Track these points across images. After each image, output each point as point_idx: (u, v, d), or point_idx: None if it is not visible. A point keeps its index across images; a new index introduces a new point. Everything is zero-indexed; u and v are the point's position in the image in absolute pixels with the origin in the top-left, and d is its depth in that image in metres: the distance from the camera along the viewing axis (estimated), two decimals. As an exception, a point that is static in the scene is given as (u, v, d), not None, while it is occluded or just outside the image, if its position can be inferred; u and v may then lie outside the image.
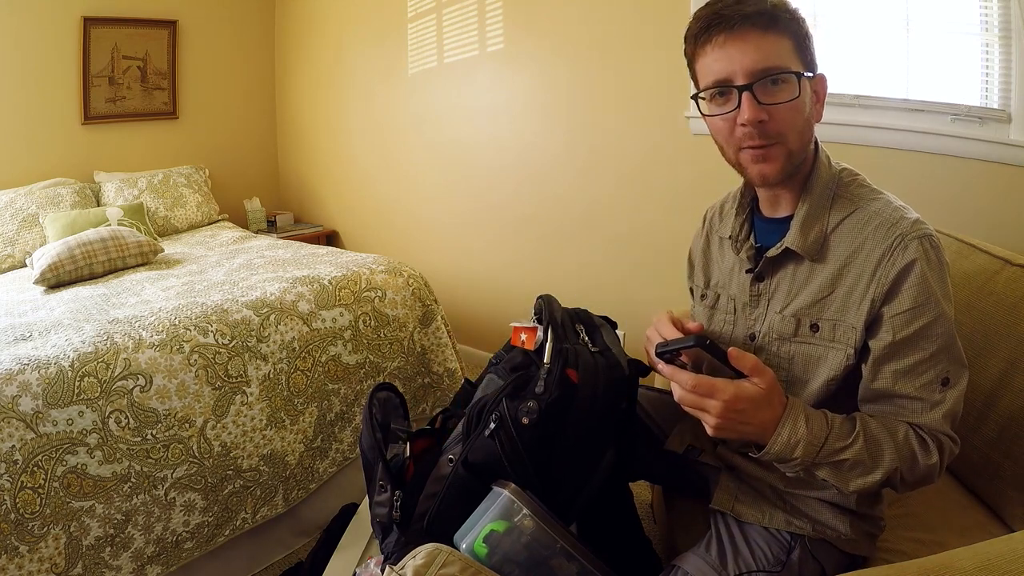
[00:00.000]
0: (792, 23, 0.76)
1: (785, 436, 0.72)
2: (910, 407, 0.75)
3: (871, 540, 0.88)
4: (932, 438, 0.74)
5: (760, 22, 0.74)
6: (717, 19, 0.76)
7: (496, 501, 0.80)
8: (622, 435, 0.96)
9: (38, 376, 1.22)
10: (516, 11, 2.26)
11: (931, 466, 0.73)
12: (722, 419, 0.71)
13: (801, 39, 0.77)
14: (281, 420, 1.49)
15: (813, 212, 0.81)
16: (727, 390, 0.71)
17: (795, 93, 0.75)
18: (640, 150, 2.01)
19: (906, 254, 0.73)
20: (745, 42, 0.75)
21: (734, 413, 0.71)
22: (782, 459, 0.74)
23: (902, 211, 0.77)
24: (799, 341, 0.82)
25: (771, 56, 0.75)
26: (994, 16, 1.35)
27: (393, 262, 1.91)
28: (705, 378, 0.72)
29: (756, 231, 0.91)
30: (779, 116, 0.76)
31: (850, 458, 0.72)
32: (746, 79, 0.75)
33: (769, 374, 0.73)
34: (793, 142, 0.78)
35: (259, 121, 3.56)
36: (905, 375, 0.75)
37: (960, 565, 0.57)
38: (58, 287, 1.91)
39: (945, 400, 0.74)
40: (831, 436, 0.72)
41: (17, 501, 1.13)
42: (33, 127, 2.74)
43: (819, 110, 0.81)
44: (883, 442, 0.73)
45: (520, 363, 0.91)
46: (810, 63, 0.79)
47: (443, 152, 2.65)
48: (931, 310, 0.73)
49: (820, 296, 0.80)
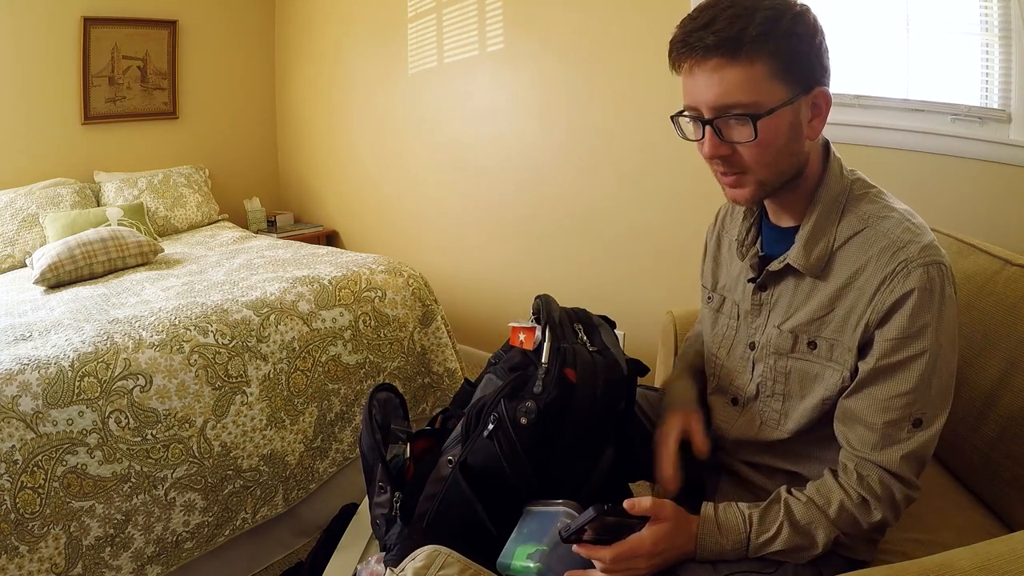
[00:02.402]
0: (769, 43, 0.68)
1: (707, 552, 0.76)
2: (869, 439, 0.73)
3: (872, 545, 0.87)
4: (878, 489, 0.72)
5: (723, 52, 0.69)
6: (684, 46, 0.72)
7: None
8: (621, 435, 0.96)
9: (38, 376, 1.22)
10: (516, 11, 2.25)
11: (877, 523, 0.73)
12: (654, 567, 0.75)
13: (787, 57, 0.70)
14: (281, 420, 1.49)
15: (819, 228, 0.78)
16: (645, 542, 0.74)
17: (750, 136, 0.71)
18: (640, 150, 2.01)
19: (907, 282, 0.70)
20: (710, 73, 0.71)
21: (658, 557, 0.75)
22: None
23: (912, 233, 0.72)
24: (796, 357, 0.81)
25: (732, 91, 0.70)
26: (994, 16, 1.34)
27: (393, 262, 1.91)
28: (623, 546, 0.74)
29: (763, 238, 0.89)
30: (742, 151, 0.73)
31: (782, 548, 0.74)
32: (709, 113, 0.73)
33: (667, 506, 0.76)
34: (761, 174, 0.75)
35: (259, 121, 3.56)
36: (877, 404, 0.72)
37: (960, 565, 0.57)
38: (58, 287, 1.91)
39: (910, 441, 0.71)
40: (752, 533, 0.75)
41: (17, 501, 1.13)
42: (33, 127, 2.74)
43: (816, 126, 0.75)
44: (813, 522, 0.74)
45: (518, 363, 0.91)
46: (804, 78, 0.72)
47: (443, 152, 2.65)
48: (918, 344, 0.70)
49: (819, 314, 0.78)
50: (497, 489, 0.84)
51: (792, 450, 0.85)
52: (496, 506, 0.84)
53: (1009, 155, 1.34)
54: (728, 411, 0.92)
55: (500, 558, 0.80)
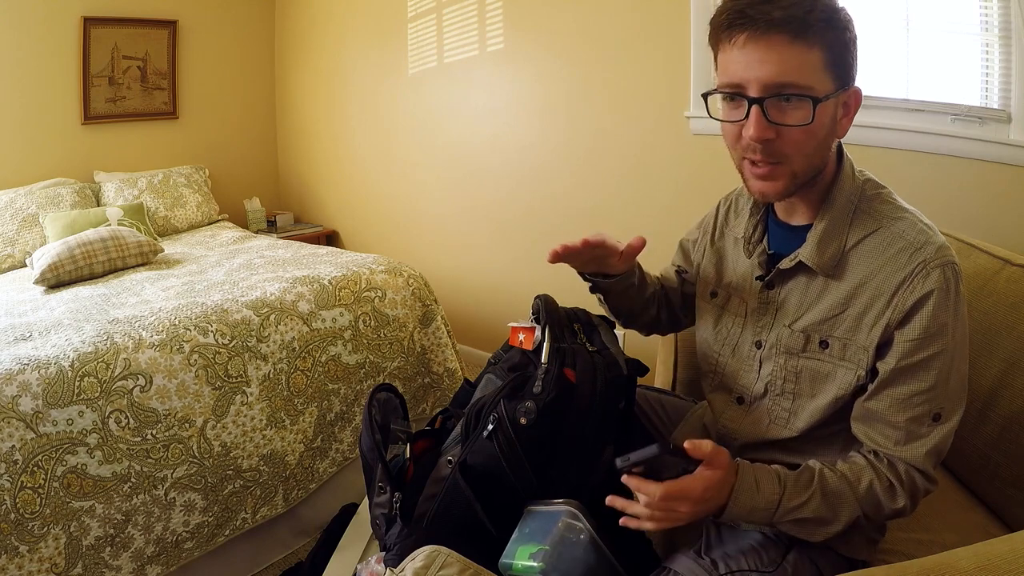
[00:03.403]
0: (829, 32, 0.68)
1: (737, 509, 0.73)
2: (893, 436, 0.74)
3: (872, 545, 0.87)
4: (904, 478, 0.73)
5: (789, 29, 0.66)
6: (741, 18, 0.68)
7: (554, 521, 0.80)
8: (621, 435, 0.96)
9: (38, 376, 1.22)
10: (516, 11, 2.25)
11: (898, 509, 0.73)
12: (695, 515, 0.73)
13: (838, 50, 0.70)
14: (281, 420, 1.49)
15: (832, 227, 0.78)
16: (697, 487, 0.72)
17: (808, 119, 0.69)
18: (640, 150, 2.01)
19: (926, 283, 0.71)
20: (767, 50, 0.68)
21: (702, 505, 0.72)
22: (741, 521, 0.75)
23: (927, 234, 0.73)
24: (807, 357, 0.81)
25: (791, 71, 0.68)
26: (994, 16, 1.34)
27: (393, 262, 1.91)
28: (674, 485, 0.72)
29: (770, 235, 0.88)
30: (788, 137, 0.71)
31: (810, 516, 0.73)
32: (759, 92, 0.69)
33: (725, 454, 0.73)
34: (799, 164, 0.73)
35: (259, 121, 3.56)
36: (898, 403, 0.73)
37: (960, 565, 0.57)
38: (58, 287, 1.91)
39: (931, 437, 0.73)
40: (785, 496, 0.73)
41: (17, 501, 1.13)
42: (33, 127, 2.74)
43: (845, 125, 0.75)
44: (843, 495, 0.73)
45: (518, 363, 0.91)
46: (845, 76, 0.72)
47: (443, 152, 2.65)
48: (938, 342, 0.71)
49: (832, 313, 0.78)
50: (497, 489, 0.84)
51: (797, 448, 0.85)
52: (496, 506, 0.84)
53: (1009, 155, 1.34)
54: (733, 409, 0.92)
55: (502, 558, 0.80)
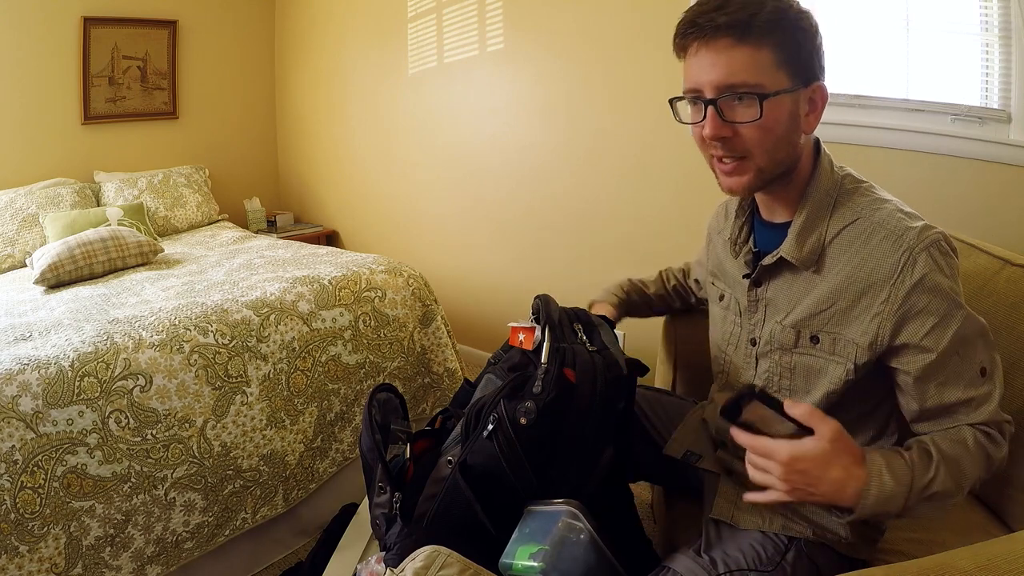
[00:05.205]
0: (777, 31, 0.71)
1: (872, 499, 0.66)
2: (963, 410, 0.73)
3: (871, 544, 0.87)
4: (995, 428, 0.73)
5: (733, 33, 0.71)
6: (692, 27, 0.74)
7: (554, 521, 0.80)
8: (621, 435, 0.96)
9: (38, 376, 1.22)
10: (516, 11, 2.25)
11: (1003, 457, 0.73)
12: (788, 483, 0.66)
13: (791, 48, 0.72)
14: (281, 420, 1.49)
15: (811, 221, 0.79)
16: (781, 450, 0.65)
17: (756, 115, 0.72)
18: (639, 149, 2.01)
19: (915, 270, 0.71)
20: (716, 54, 0.72)
21: (796, 474, 0.66)
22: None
23: (907, 220, 0.74)
24: (799, 352, 0.82)
25: (739, 71, 0.72)
26: (994, 16, 1.34)
27: (393, 262, 1.91)
28: (761, 439, 0.67)
29: (756, 234, 0.90)
30: (744, 133, 0.74)
31: (939, 489, 0.68)
32: (712, 93, 0.74)
33: (831, 425, 0.66)
34: (761, 159, 0.76)
35: (259, 121, 3.56)
36: (949, 383, 0.73)
37: (960, 565, 0.57)
38: (58, 287, 1.91)
39: (991, 389, 0.74)
40: (916, 476, 0.68)
41: (17, 501, 1.13)
42: (33, 127, 2.74)
43: (811, 121, 0.77)
44: (961, 458, 0.70)
45: (518, 363, 0.91)
46: (804, 73, 0.74)
47: (443, 152, 2.65)
48: (954, 316, 0.72)
49: (820, 308, 0.79)
50: (497, 489, 0.84)
51: None
52: (496, 506, 0.84)
53: (1009, 155, 1.34)
54: None
55: (502, 558, 0.80)
